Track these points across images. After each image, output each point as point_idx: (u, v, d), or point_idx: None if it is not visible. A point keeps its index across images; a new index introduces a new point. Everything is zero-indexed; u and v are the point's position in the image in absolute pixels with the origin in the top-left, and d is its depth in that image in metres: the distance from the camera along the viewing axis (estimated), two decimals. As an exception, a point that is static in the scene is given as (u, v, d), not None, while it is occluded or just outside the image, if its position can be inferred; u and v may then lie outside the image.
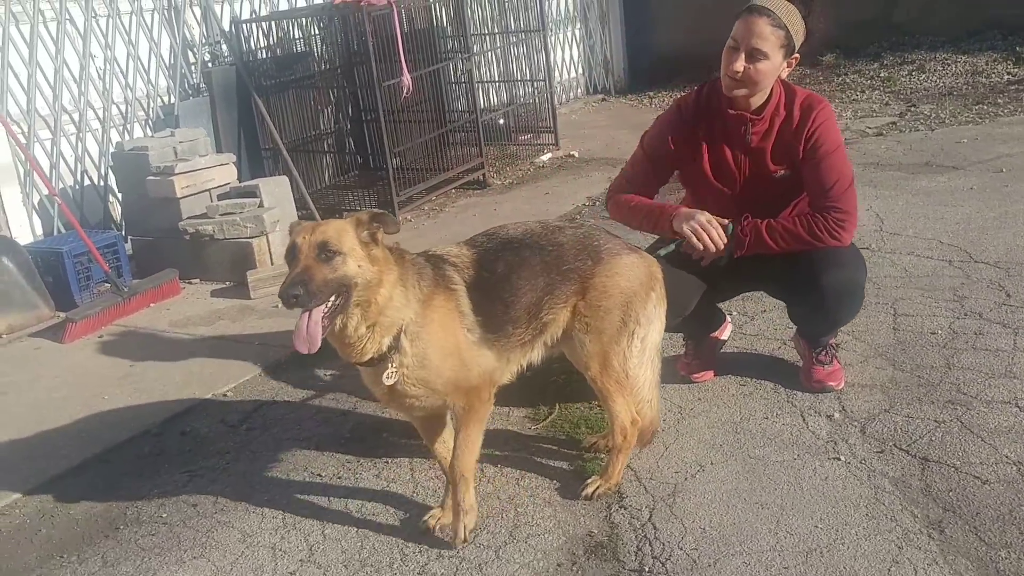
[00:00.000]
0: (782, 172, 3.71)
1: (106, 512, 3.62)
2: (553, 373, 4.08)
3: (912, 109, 8.89)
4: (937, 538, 2.90)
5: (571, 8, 11.23)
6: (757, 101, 3.67)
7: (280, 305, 5.51)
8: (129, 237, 6.47)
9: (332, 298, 2.76)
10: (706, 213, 3.64)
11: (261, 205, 6.13)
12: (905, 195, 6.30)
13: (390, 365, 2.90)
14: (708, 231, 3.60)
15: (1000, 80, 9.51)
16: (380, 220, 2.88)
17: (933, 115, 8.57)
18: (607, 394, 3.30)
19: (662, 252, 3.65)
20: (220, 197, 6.23)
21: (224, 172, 6.34)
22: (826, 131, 3.62)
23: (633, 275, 3.28)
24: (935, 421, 3.54)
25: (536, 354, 3.31)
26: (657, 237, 3.96)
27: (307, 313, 2.74)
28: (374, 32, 6.89)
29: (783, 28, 3.49)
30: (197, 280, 6.16)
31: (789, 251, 3.61)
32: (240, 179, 6.55)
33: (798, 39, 3.56)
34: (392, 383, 2.93)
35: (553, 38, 10.53)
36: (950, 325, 4.30)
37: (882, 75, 10.24)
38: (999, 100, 8.78)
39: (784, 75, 3.64)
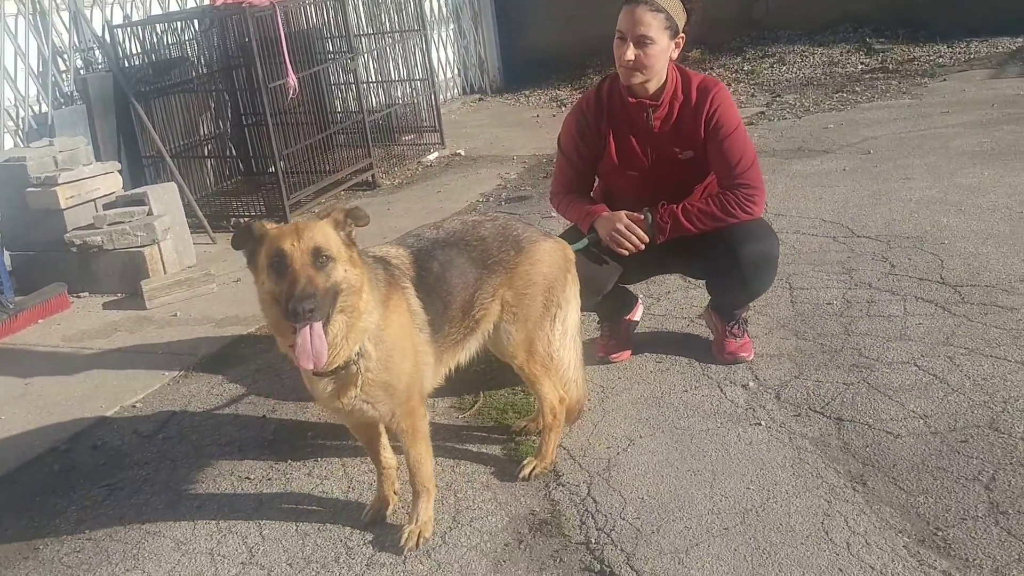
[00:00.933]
0: (687, 154, 3.87)
1: (22, 533, 3.46)
2: (474, 363, 4.11)
3: (777, 99, 9.32)
4: (861, 491, 3.09)
5: (443, 9, 11.29)
6: (654, 86, 3.81)
7: (179, 314, 5.42)
8: (7, 252, 6.13)
9: None
10: (623, 217, 3.79)
11: (151, 213, 5.93)
12: (783, 179, 6.62)
13: (357, 371, 2.82)
14: (627, 236, 3.77)
15: (855, 69, 10.08)
16: (354, 216, 2.76)
17: (798, 104, 9.01)
18: (534, 379, 3.37)
19: (576, 247, 3.73)
20: (106, 207, 6.00)
21: (109, 181, 6.11)
22: (725, 111, 3.80)
23: (553, 260, 3.36)
24: (843, 384, 3.76)
25: (464, 355, 3.32)
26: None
27: (308, 327, 2.60)
28: (256, 33, 6.76)
29: (662, 11, 3.65)
30: (86, 293, 5.91)
31: (706, 231, 3.77)
32: (124, 188, 6.31)
33: (679, 19, 3.71)
34: (356, 393, 2.86)
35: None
36: (843, 295, 4.56)
37: (745, 68, 10.70)
38: (856, 88, 9.30)
39: (675, 56, 3.79)
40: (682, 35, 3.75)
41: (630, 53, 3.67)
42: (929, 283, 4.58)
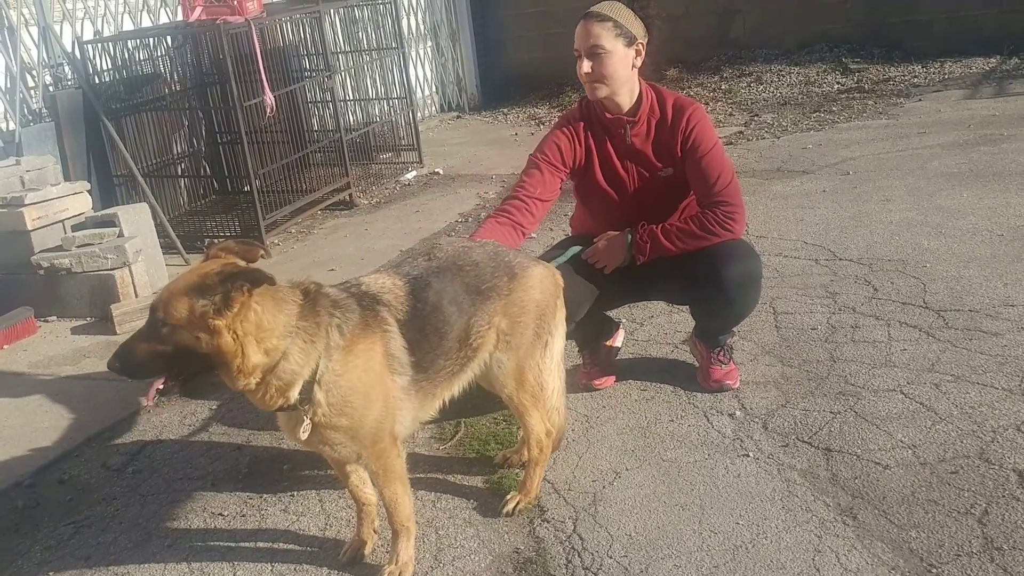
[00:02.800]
0: (667, 171, 3.84)
1: (-16, 575, 3.32)
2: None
3: (755, 119, 9.31)
4: (852, 524, 3.02)
5: (421, 27, 11.22)
6: (627, 102, 3.79)
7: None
8: (-30, 275, 5.97)
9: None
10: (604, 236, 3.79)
11: (121, 235, 5.79)
12: (764, 200, 6.59)
13: (304, 417, 2.74)
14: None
15: (832, 89, 10.09)
16: (240, 280, 2.55)
17: (776, 123, 9.00)
18: (523, 409, 3.27)
19: (558, 262, 3.69)
20: (75, 228, 5.85)
21: (78, 201, 5.96)
22: (702, 130, 3.78)
23: (545, 286, 3.28)
24: (830, 412, 3.70)
25: (457, 388, 3.19)
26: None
27: None
28: (232, 51, 6.65)
29: (609, 19, 3.66)
30: (54, 317, 5.75)
31: (686, 251, 3.72)
32: (93, 208, 6.17)
33: (632, 27, 3.68)
34: (306, 436, 2.77)
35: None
36: (827, 320, 4.51)
37: (723, 87, 10.68)
38: (833, 108, 9.31)
39: (636, 64, 3.74)
40: (640, 43, 3.71)
41: (586, 67, 3.69)
42: (912, 308, 4.54)
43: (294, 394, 2.70)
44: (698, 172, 3.76)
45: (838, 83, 10.29)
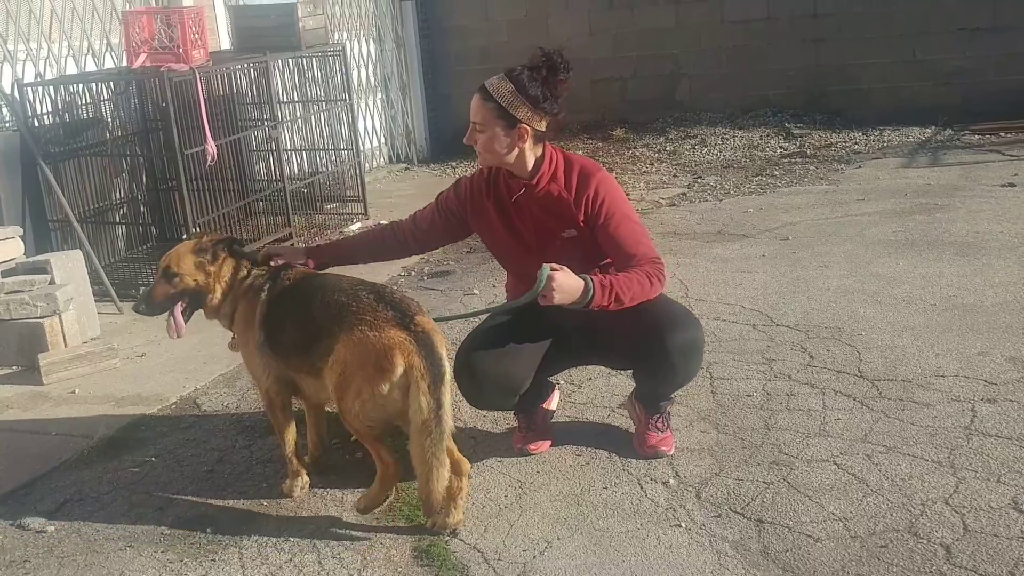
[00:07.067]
0: (570, 232, 3.82)
1: None
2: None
3: (699, 181, 9.43)
4: (781, 599, 3.00)
5: (372, 79, 11.26)
6: (520, 169, 3.80)
7: (77, 391, 5.13)
8: None
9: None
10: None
11: (53, 282, 5.65)
12: (704, 262, 6.65)
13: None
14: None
15: (774, 153, 10.28)
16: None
17: (719, 186, 9.12)
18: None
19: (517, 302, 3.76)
20: (5, 274, 5.69)
21: (10, 247, 5.81)
22: (612, 199, 3.76)
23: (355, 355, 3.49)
24: (764, 482, 3.69)
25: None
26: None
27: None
28: (174, 99, 6.59)
29: (492, 101, 3.66)
30: (-23, 366, 5.58)
31: (633, 303, 3.60)
32: (27, 254, 6.03)
33: (516, 110, 3.64)
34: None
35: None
36: (763, 387, 4.54)
37: (668, 148, 10.82)
38: (775, 172, 9.48)
39: (523, 145, 3.71)
40: (524, 126, 3.67)
41: (468, 137, 3.79)
42: (847, 376, 4.59)
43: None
44: (616, 241, 3.72)
45: (781, 147, 10.48)
